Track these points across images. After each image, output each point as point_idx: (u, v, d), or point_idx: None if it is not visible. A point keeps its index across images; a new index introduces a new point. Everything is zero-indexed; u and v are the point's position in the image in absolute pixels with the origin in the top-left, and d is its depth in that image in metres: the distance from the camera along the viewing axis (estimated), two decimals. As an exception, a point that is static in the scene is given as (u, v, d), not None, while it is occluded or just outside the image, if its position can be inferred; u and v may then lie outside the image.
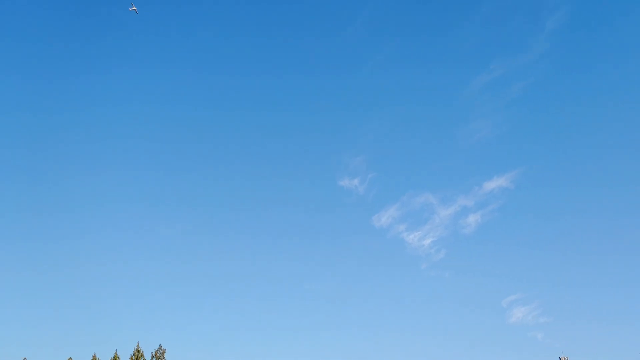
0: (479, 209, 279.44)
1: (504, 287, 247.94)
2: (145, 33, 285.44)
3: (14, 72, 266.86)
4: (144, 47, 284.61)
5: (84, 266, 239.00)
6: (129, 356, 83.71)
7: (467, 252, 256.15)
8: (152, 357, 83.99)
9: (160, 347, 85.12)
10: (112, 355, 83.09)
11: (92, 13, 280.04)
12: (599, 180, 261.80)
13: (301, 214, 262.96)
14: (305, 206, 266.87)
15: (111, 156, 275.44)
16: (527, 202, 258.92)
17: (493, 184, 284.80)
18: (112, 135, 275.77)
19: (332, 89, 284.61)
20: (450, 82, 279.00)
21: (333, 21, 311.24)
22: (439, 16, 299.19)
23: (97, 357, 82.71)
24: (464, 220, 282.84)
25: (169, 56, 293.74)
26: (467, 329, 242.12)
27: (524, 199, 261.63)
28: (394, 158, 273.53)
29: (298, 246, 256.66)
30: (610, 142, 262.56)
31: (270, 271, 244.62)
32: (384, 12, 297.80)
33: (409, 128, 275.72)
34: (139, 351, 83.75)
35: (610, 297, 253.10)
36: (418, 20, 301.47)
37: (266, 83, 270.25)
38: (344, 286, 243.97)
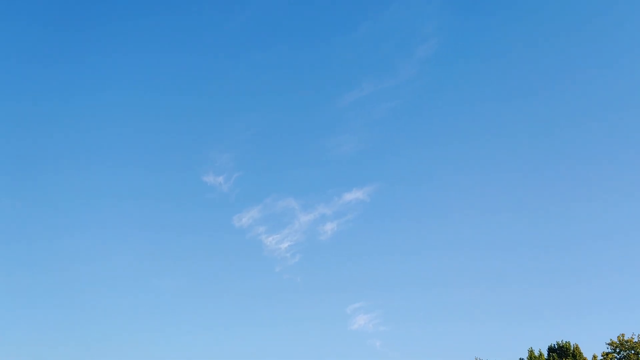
0: (336, 218, 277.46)
1: (350, 294, 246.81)
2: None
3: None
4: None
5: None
6: None
7: (320, 259, 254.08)
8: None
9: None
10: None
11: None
12: (446, 199, 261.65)
13: (156, 206, 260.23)
14: (162, 199, 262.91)
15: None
16: (380, 215, 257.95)
17: (352, 196, 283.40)
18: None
19: (208, 82, 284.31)
20: (324, 94, 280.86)
21: (218, 13, 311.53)
22: (322, 27, 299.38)
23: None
24: (322, 227, 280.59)
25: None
26: (311, 332, 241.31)
27: (377, 212, 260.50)
28: (262, 160, 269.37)
29: (149, 240, 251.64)
30: (458, 165, 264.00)
31: (117, 267, 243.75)
32: (270, 13, 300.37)
33: (280, 132, 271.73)
34: None
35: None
36: (301, 28, 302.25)
37: (139, 64, 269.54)
38: (195, 283, 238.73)
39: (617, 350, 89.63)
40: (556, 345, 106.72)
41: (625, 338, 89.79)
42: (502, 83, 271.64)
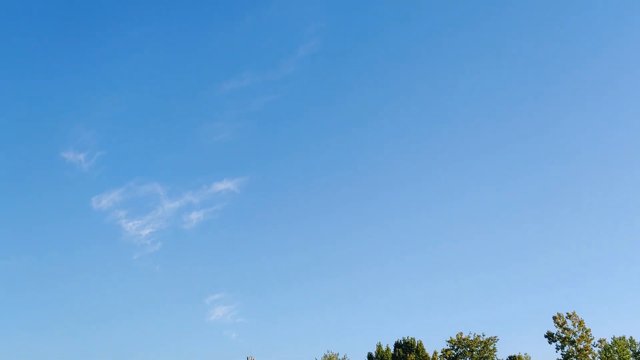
0: (203, 207, 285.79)
1: (210, 285, 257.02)
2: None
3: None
4: None
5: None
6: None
7: (183, 248, 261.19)
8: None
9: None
10: None
11: None
12: (317, 196, 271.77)
13: (8, 180, 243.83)
14: (16, 173, 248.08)
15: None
16: (248, 208, 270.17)
17: (222, 186, 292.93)
18: None
19: (76, 56, 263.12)
20: (202, 80, 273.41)
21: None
22: (207, 14, 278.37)
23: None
24: (187, 216, 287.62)
25: None
26: (168, 322, 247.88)
27: (246, 205, 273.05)
28: (128, 140, 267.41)
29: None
30: (330, 164, 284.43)
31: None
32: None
33: (151, 114, 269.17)
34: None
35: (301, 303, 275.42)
36: (184, 11, 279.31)
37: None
38: (42, 264, 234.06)
39: (455, 347, 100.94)
40: (402, 341, 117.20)
41: (463, 336, 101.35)
42: (378, 84, 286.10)
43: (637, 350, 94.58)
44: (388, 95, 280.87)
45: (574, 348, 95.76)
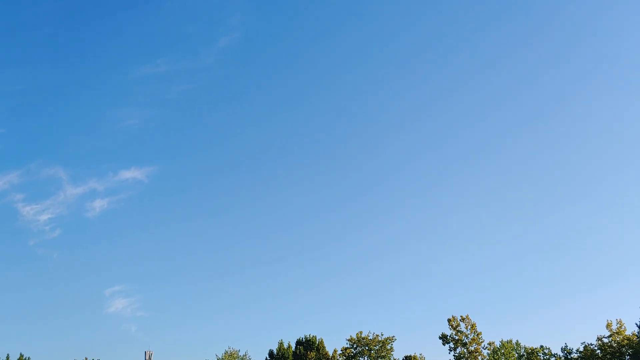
0: (108, 195, 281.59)
1: (111, 276, 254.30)
2: None
3: None
4: None
5: None
6: None
7: (84, 236, 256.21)
8: None
9: None
10: None
11: None
12: (227, 192, 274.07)
13: None
14: None
15: None
16: (155, 199, 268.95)
17: (129, 174, 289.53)
18: None
19: None
20: (114, 62, 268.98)
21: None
22: None
23: None
24: (90, 203, 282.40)
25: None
26: (63, 312, 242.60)
27: (153, 195, 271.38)
28: (29, 119, 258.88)
29: None
30: (246, 161, 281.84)
31: None
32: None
33: (56, 94, 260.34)
34: None
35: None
36: None
37: None
38: None
39: (354, 346, 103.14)
40: (304, 339, 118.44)
41: (362, 335, 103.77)
42: (298, 79, 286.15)
43: (521, 353, 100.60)
44: (306, 91, 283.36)
45: (465, 350, 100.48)
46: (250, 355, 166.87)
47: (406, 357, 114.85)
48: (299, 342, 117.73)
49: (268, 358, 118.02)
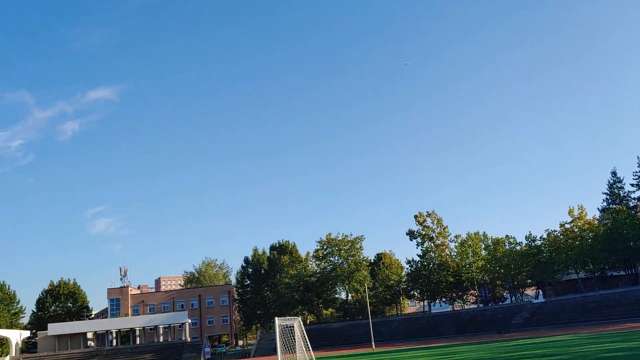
0: (79, 116, 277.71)
1: (91, 198, 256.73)
2: None
3: None
4: None
5: None
6: None
7: (59, 160, 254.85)
8: None
9: None
10: None
11: None
12: (199, 104, 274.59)
13: None
14: None
15: None
16: (129, 118, 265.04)
17: (98, 94, 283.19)
18: None
19: None
20: None
21: None
22: None
23: None
24: (61, 126, 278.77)
25: None
26: (45, 236, 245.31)
27: (127, 114, 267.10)
28: None
29: None
30: (218, 72, 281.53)
31: None
32: None
33: (12, 13, 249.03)
34: None
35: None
36: None
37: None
38: None
39: (325, 247, 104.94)
40: (277, 244, 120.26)
41: (332, 237, 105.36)
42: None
43: (488, 244, 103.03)
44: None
45: (432, 244, 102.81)
46: (227, 263, 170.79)
47: (377, 254, 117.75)
48: (272, 248, 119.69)
49: (244, 264, 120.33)
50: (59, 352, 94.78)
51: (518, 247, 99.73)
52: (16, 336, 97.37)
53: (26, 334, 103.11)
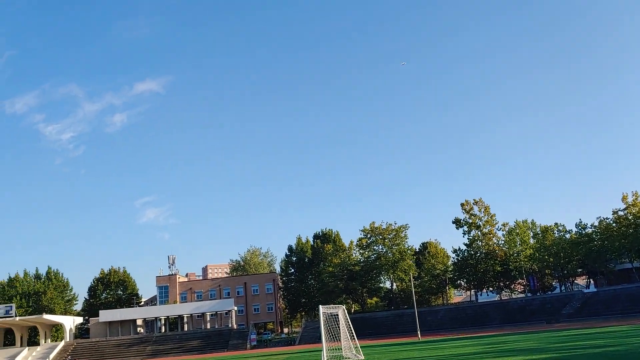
0: (126, 109, 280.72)
1: (140, 188, 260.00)
2: None
3: None
4: None
5: None
6: None
7: (108, 151, 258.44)
8: None
9: None
10: None
11: None
12: (245, 95, 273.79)
13: None
14: None
15: None
16: (175, 109, 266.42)
17: (144, 86, 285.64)
18: None
19: None
20: None
21: None
22: None
23: None
24: (110, 118, 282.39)
25: None
26: (97, 226, 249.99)
27: (172, 106, 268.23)
28: (39, 38, 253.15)
29: None
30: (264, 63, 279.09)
31: None
32: None
33: (61, 8, 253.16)
34: None
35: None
36: None
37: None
38: None
39: (368, 236, 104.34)
40: (321, 233, 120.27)
41: (376, 225, 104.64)
42: None
43: (536, 232, 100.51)
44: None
45: (479, 232, 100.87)
46: (272, 251, 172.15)
47: (423, 243, 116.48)
48: (316, 236, 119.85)
49: (288, 253, 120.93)
50: (110, 338, 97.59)
51: (568, 235, 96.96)
52: (70, 322, 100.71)
53: (79, 320, 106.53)
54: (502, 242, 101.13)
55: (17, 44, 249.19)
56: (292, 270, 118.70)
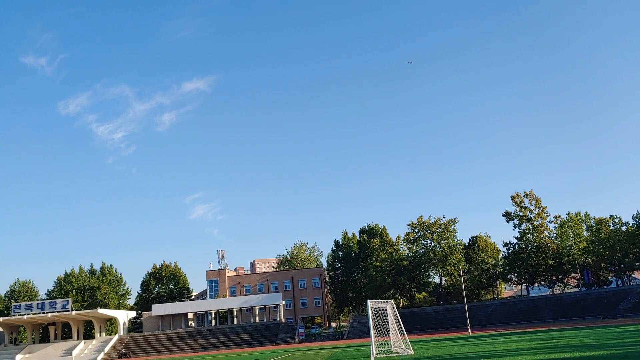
0: (175, 108, 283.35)
1: (190, 185, 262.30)
2: None
3: None
4: None
5: None
6: None
7: (158, 150, 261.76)
8: None
9: None
10: None
11: None
12: (290, 93, 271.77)
13: None
14: None
15: None
16: (221, 107, 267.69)
17: (192, 85, 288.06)
18: None
19: None
20: None
21: None
22: None
23: None
24: (159, 117, 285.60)
25: None
26: (149, 223, 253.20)
27: (219, 104, 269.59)
28: (89, 40, 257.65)
29: None
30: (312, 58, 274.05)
31: None
32: None
33: (109, 11, 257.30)
34: None
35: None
36: None
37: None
38: (16, 177, 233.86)
39: (416, 230, 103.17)
40: (367, 228, 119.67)
41: (424, 220, 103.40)
42: None
43: (590, 224, 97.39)
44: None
45: (530, 225, 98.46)
46: (318, 246, 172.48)
47: (472, 237, 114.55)
48: (362, 231, 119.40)
49: (334, 248, 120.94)
50: (162, 331, 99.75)
51: (624, 228, 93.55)
52: (123, 316, 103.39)
53: (132, 314, 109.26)
54: (554, 235, 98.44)
55: (68, 48, 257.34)
56: (339, 264, 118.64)
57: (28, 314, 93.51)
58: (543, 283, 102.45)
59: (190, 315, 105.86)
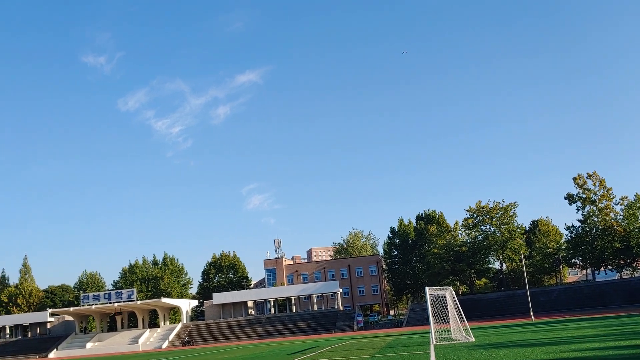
0: (229, 101, 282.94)
1: (245, 176, 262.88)
2: None
3: None
4: None
5: None
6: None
7: (214, 143, 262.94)
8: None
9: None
10: None
11: None
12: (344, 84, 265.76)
13: (27, 93, 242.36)
14: (39, 82, 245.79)
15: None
16: (274, 99, 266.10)
17: (245, 78, 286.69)
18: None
19: None
20: None
21: None
22: None
23: None
24: (214, 111, 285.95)
25: None
26: (208, 214, 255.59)
27: (271, 96, 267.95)
28: (145, 38, 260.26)
29: (24, 127, 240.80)
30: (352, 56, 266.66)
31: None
32: None
33: (163, 9, 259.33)
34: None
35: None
36: None
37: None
38: (78, 171, 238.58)
39: (475, 216, 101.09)
40: (423, 214, 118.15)
41: (482, 204, 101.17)
42: None
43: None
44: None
45: (594, 208, 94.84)
46: (374, 234, 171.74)
47: (533, 221, 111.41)
48: (418, 218, 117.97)
49: (390, 235, 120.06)
50: (223, 319, 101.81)
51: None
52: (186, 305, 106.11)
53: (194, 303, 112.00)
54: (621, 217, 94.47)
55: (124, 46, 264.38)
56: (396, 252, 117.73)
57: (96, 304, 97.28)
58: (610, 267, 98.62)
59: (249, 304, 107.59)
